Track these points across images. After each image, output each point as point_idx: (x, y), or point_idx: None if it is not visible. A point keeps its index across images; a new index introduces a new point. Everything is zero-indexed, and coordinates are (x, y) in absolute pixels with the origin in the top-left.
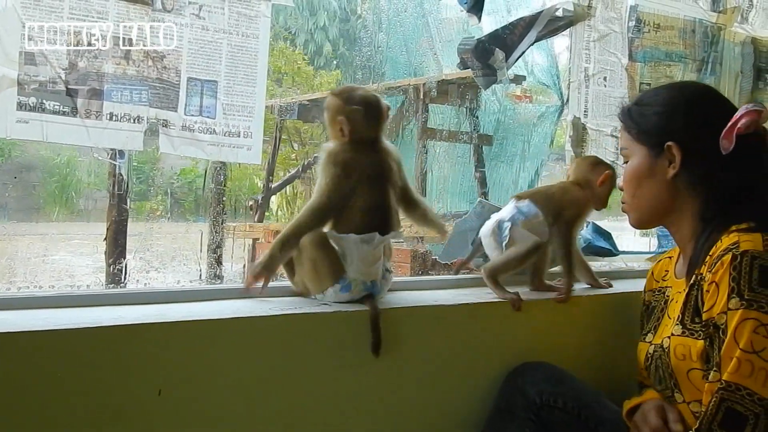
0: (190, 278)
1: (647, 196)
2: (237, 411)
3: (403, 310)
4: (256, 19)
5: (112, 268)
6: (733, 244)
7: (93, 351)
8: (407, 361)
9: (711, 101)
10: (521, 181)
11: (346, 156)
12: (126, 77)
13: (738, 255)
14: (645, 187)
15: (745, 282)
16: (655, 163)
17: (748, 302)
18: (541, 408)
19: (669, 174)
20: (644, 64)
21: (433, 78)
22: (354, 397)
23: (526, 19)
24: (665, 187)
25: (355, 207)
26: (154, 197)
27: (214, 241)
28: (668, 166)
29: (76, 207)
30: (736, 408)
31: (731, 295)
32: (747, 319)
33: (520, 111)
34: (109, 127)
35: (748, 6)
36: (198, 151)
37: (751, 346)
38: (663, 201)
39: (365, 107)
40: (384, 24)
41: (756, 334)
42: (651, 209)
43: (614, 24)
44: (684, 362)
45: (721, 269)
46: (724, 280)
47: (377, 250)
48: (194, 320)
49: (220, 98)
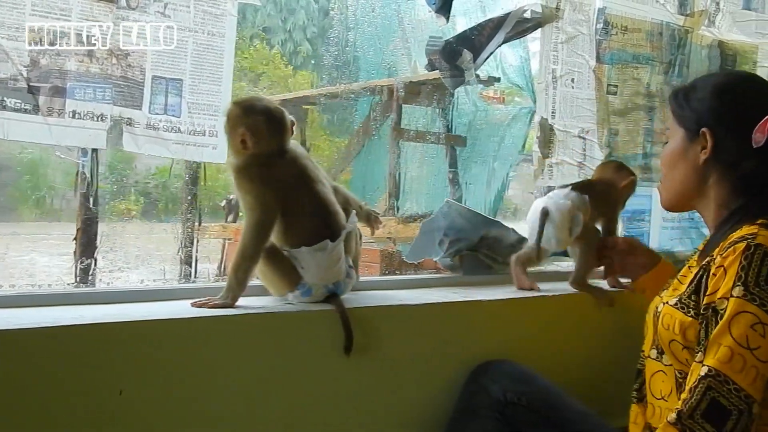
0: (162, 278)
1: (678, 178)
2: (200, 410)
3: (369, 309)
4: (222, 17)
5: (80, 268)
6: (750, 234)
7: (52, 351)
8: (372, 360)
9: (752, 92)
10: (494, 182)
11: (256, 170)
12: (89, 75)
13: (752, 246)
14: (677, 169)
15: (753, 274)
16: (690, 147)
17: (752, 295)
18: (505, 406)
19: (700, 159)
20: (612, 66)
21: (406, 78)
22: (318, 396)
23: (495, 20)
24: (695, 172)
25: (295, 219)
26: (129, 197)
27: (186, 242)
28: (700, 151)
29: (47, 207)
30: (721, 401)
31: (736, 282)
32: (746, 311)
33: (493, 112)
34: (72, 125)
35: (715, 10)
36: (163, 150)
37: (746, 341)
38: (692, 185)
39: (267, 118)
40: (357, 24)
41: (753, 330)
42: (680, 192)
43: (582, 26)
44: (667, 332)
45: (732, 255)
46: (733, 266)
47: (334, 253)
48: (156, 320)
49: (186, 97)
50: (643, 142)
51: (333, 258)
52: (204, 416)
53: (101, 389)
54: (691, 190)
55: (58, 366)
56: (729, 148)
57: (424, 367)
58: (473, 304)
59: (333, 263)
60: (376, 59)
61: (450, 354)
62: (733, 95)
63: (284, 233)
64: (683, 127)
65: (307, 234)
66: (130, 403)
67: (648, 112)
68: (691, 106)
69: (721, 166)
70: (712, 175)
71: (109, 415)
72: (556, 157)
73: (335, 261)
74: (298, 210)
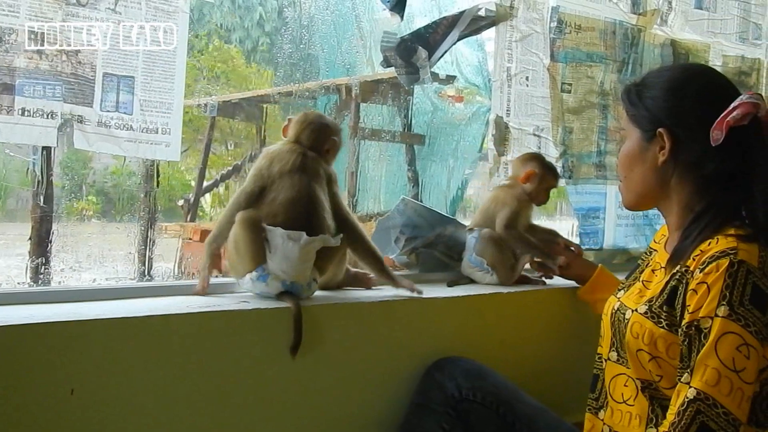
0: (117, 277)
1: (637, 179)
2: (150, 410)
3: (322, 307)
4: (174, 14)
5: (31, 267)
6: (731, 249)
7: (1, 349)
8: (326, 357)
9: (708, 87)
10: (453, 180)
11: (275, 150)
12: (39, 72)
13: (735, 263)
14: (636, 171)
15: (738, 294)
16: (647, 148)
17: (737, 315)
18: (459, 402)
19: (659, 160)
20: (566, 65)
21: (363, 77)
22: (272, 395)
23: (449, 18)
24: (655, 173)
25: (282, 195)
26: (85, 196)
27: (143, 241)
28: (659, 152)
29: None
30: (710, 425)
31: (721, 302)
32: (731, 332)
33: (452, 111)
34: (21, 123)
35: (668, 9)
36: (115, 148)
37: (732, 363)
38: (653, 186)
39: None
40: (316, 22)
41: (738, 352)
42: (641, 193)
43: (536, 24)
44: (636, 341)
45: (715, 272)
46: (717, 284)
47: (304, 251)
48: (107, 318)
49: (138, 94)
50: (597, 139)
51: (303, 254)
52: (156, 415)
53: (52, 389)
54: (651, 191)
55: (8, 365)
56: (688, 148)
57: (379, 364)
58: (429, 301)
59: (301, 260)
60: (333, 58)
61: (405, 351)
62: (688, 92)
63: (268, 204)
64: (639, 127)
65: (287, 216)
66: (82, 403)
67: (602, 110)
68: (645, 105)
69: (681, 167)
70: (672, 176)
71: (60, 414)
72: (511, 155)
73: (304, 259)
74: (288, 189)
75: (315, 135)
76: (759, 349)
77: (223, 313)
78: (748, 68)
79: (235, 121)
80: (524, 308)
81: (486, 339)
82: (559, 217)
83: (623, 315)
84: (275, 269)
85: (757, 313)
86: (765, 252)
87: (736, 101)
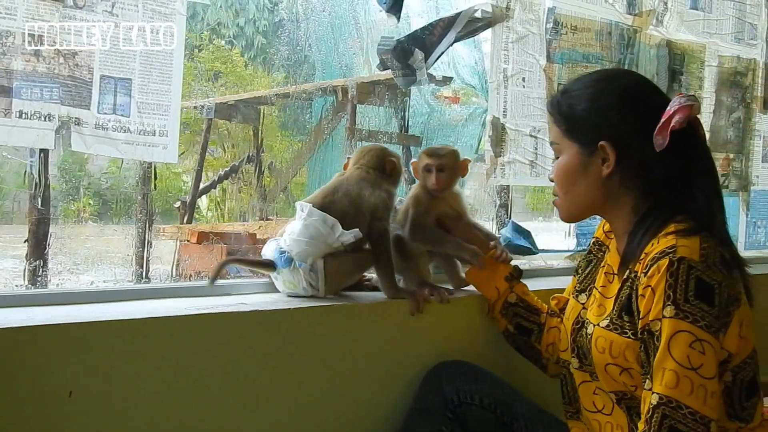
0: (115, 279)
1: (581, 193)
2: (149, 412)
3: (319, 308)
4: (171, 16)
5: (31, 269)
6: (670, 247)
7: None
8: (323, 361)
9: (643, 94)
10: None
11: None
12: (36, 74)
13: (675, 261)
14: (579, 186)
15: (681, 291)
16: (589, 162)
17: (684, 313)
18: (458, 406)
19: (603, 173)
20: (562, 66)
21: (359, 79)
22: (270, 398)
23: (445, 19)
24: (600, 185)
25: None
26: (82, 198)
27: (140, 243)
28: (602, 165)
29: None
30: (679, 427)
31: (666, 302)
32: (681, 331)
33: (448, 112)
34: (18, 125)
35: (663, 9)
36: (112, 150)
37: (688, 362)
38: (598, 198)
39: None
40: (312, 24)
41: (692, 349)
42: (585, 206)
43: (532, 25)
44: (603, 355)
45: (657, 274)
46: (660, 286)
47: (307, 223)
48: (106, 320)
49: (135, 96)
50: None
51: (304, 228)
52: (155, 418)
53: (50, 391)
54: (597, 203)
55: (6, 368)
56: (632, 157)
57: (379, 368)
58: (427, 304)
59: (301, 233)
60: (330, 59)
61: (402, 355)
62: (626, 101)
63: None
64: (576, 141)
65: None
66: (80, 405)
67: None
68: (578, 119)
69: (626, 175)
70: (618, 185)
71: (58, 417)
72: (508, 156)
73: (305, 233)
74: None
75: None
76: (713, 342)
77: (222, 315)
78: (744, 68)
79: (232, 123)
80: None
81: (481, 341)
82: (556, 219)
83: (586, 330)
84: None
85: (704, 307)
86: (707, 243)
87: (674, 104)
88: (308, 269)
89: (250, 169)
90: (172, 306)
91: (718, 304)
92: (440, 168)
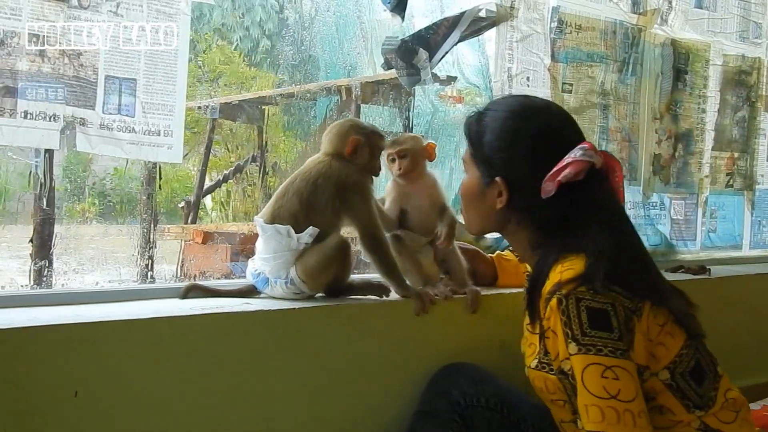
0: (120, 279)
1: (478, 214)
2: (155, 411)
3: (324, 309)
4: (175, 16)
5: (36, 270)
6: (556, 285)
7: (6, 353)
8: (328, 362)
9: (550, 139)
10: (454, 181)
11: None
12: (41, 75)
13: (562, 298)
14: (477, 209)
15: (576, 326)
16: (485, 191)
17: (586, 347)
18: (465, 408)
19: (497, 206)
20: (566, 65)
21: (363, 78)
22: (274, 399)
23: (450, 19)
24: (493, 215)
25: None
26: (87, 198)
27: (145, 243)
28: (497, 197)
29: (2, 209)
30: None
31: (567, 340)
32: (590, 364)
33: (452, 112)
34: (23, 126)
35: (668, 8)
36: (117, 150)
37: (605, 392)
38: (492, 224)
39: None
40: (317, 24)
41: (605, 378)
42: (482, 227)
43: (537, 25)
44: (543, 393)
45: (553, 315)
46: (557, 326)
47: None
48: (111, 320)
49: (140, 96)
50: (598, 139)
51: (265, 244)
52: (160, 417)
53: (56, 391)
54: (492, 227)
55: (12, 368)
56: (522, 198)
57: (385, 369)
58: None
59: (265, 250)
60: (334, 59)
61: (407, 358)
62: (522, 140)
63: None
64: (478, 169)
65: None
66: (86, 405)
67: (602, 110)
68: (483, 150)
69: (518, 212)
70: (511, 218)
71: (64, 417)
72: None
73: (268, 249)
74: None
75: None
76: (624, 363)
77: (227, 316)
78: (749, 67)
79: (236, 123)
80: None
81: (486, 343)
82: None
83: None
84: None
85: (603, 335)
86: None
87: (569, 157)
88: (284, 283)
89: (254, 169)
90: (177, 306)
91: (617, 325)
92: (402, 155)
